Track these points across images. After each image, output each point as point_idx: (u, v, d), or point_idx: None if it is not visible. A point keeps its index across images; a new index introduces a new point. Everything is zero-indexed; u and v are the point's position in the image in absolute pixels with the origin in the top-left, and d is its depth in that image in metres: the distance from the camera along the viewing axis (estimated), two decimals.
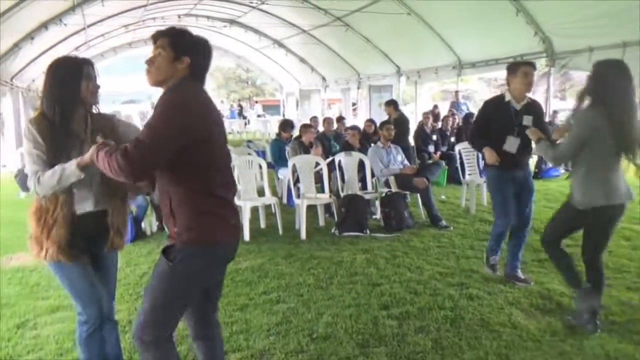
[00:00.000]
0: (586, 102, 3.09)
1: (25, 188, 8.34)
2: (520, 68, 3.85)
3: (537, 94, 8.76)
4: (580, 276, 3.33)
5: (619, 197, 3.06)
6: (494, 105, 4.03)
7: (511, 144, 3.89)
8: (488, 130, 3.97)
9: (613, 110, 2.94)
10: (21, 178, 8.41)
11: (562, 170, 9.67)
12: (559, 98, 27.56)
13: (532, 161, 8.87)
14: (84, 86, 2.22)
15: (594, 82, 3.07)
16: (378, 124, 7.50)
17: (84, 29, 11.45)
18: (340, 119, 10.64)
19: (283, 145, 7.24)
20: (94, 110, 2.34)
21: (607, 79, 3.03)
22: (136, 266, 4.70)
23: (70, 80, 2.21)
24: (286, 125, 7.81)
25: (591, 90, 3.08)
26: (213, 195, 2.00)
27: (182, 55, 1.99)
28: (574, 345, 3.04)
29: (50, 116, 2.19)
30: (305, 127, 7.34)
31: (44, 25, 9.96)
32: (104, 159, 1.88)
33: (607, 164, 3.04)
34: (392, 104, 8.92)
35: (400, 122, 8.05)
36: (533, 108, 3.97)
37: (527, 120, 3.86)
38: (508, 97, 3.90)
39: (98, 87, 2.29)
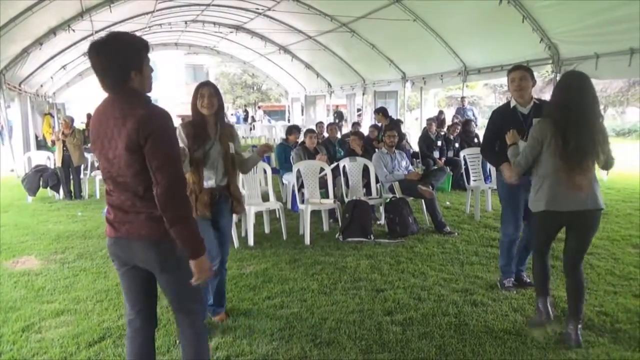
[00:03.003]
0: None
1: (32, 193, 8.40)
2: (509, 74, 3.82)
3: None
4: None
5: (566, 205, 3.07)
6: (501, 113, 3.97)
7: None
8: (500, 140, 3.86)
9: (566, 122, 2.99)
10: (28, 183, 8.47)
11: None
12: None
13: None
14: (198, 103, 3.25)
15: (553, 93, 3.20)
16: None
17: (91, 34, 11.55)
18: (340, 117, 10.75)
19: (289, 149, 7.26)
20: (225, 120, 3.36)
21: (564, 91, 3.09)
22: None
23: (193, 99, 3.29)
24: (293, 129, 7.89)
25: (549, 102, 3.20)
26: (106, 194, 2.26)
27: None
28: (580, 352, 3.02)
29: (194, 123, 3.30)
30: (308, 133, 7.35)
31: (53, 31, 10.08)
32: None
33: (556, 172, 3.06)
34: (380, 112, 9.11)
35: (390, 128, 8.14)
36: (541, 109, 3.92)
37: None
38: (513, 103, 3.88)
39: (209, 103, 3.22)
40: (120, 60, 2.04)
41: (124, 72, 2.04)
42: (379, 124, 9.47)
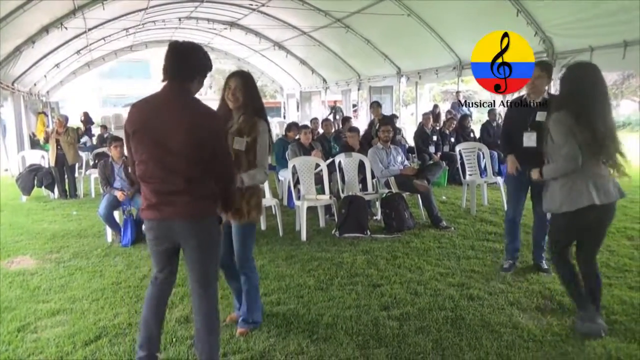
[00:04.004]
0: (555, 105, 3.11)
1: (26, 192, 8.36)
2: None
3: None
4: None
5: (599, 198, 2.96)
6: (514, 105, 4.16)
7: (528, 139, 3.98)
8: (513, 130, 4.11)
9: (582, 113, 2.91)
10: (22, 182, 8.43)
11: None
12: None
13: None
14: (225, 94, 3.03)
15: (564, 85, 3.07)
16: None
17: (84, 32, 11.49)
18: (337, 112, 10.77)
19: (287, 145, 7.25)
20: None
21: (577, 83, 3.01)
22: (137, 268, 4.70)
23: (223, 88, 3.11)
24: (292, 126, 7.96)
25: (562, 94, 3.08)
26: (143, 182, 2.50)
27: None
28: (576, 345, 3.03)
29: None
30: (302, 129, 7.35)
31: (45, 29, 9.99)
32: None
33: (585, 164, 2.96)
34: (374, 106, 9.14)
35: (385, 123, 8.17)
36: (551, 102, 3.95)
37: (540, 116, 3.83)
38: (525, 95, 3.97)
39: (234, 97, 2.99)
40: (194, 61, 2.47)
41: (191, 73, 2.45)
42: (373, 118, 9.49)
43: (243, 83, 3.00)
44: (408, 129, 14.04)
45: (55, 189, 8.63)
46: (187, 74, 2.44)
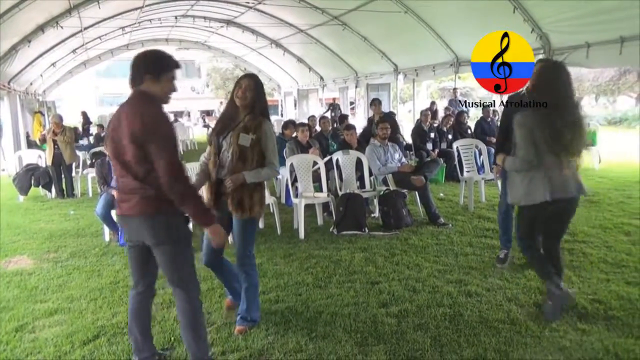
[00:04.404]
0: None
1: (23, 192, 8.33)
2: None
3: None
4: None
5: (558, 193, 3.13)
6: (512, 103, 4.15)
7: None
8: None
9: (543, 112, 3.06)
10: (19, 182, 8.40)
11: None
12: None
13: None
14: (234, 92, 3.18)
15: (530, 82, 3.24)
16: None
17: (80, 31, 11.44)
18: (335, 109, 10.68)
19: (284, 143, 7.24)
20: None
21: (544, 81, 3.15)
22: None
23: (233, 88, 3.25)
24: (289, 124, 7.92)
25: (527, 91, 3.26)
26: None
27: None
28: (574, 340, 3.04)
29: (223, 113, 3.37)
30: (300, 126, 7.34)
31: (41, 28, 9.94)
32: None
33: (546, 162, 3.12)
34: (375, 103, 9.02)
35: (383, 121, 8.16)
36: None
37: None
38: (523, 91, 3.96)
39: (242, 95, 3.14)
40: (140, 63, 2.54)
41: (140, 76, 2.52)
42: (372, 115, 9.42)
43: (254, 84, 3.17)
44: (405, 126, 14.03)
45: (53, 189, 8.61)
46: (137, 78, 2.53)
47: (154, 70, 2.52)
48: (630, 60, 8.04)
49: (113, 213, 5.65)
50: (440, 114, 13.34)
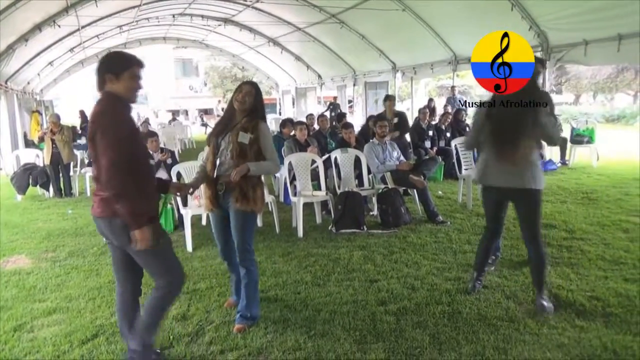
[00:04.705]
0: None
1: (21, 191, 8.32)
2: None
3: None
4: None
5: (494, 181, 3.46)
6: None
7: None
8: None
9: (491, 110, 3.41)
10: (17, 181, 8.38)
11: (558, 164, 9.70)
12: (554, 92, 27.59)
13: None
14: (234, 96, 3.29)
15: None
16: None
17: (78, 30, 11.41)
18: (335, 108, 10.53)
19: (282, 142, 7.24)
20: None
21: None
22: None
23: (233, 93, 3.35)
24: (287, 122, 7.91)
25: None
26: None
27: None
28: (572, 337, 3.04)
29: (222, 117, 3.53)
30: (298, 125, 7.33)
31: (38, 27, 9.91)
32: None
33: (487, 152, 3.49)
34: (390, 99, 8.77)
35: (404, 118, 8.18)
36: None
37: None
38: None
39: (242, 99, 3.26)
40: (100, 66, 2.59)
41: (101, 78, 2.57)
42: (384, 114, 8.63)
43: (254, 91, 3.29)
44: None
45: (50, 188, 8.59)
46: (100, 80, 2.59)
47: (113, 69, 2.57)
48: (628, 58, 8.05)
49: None
50: (439, 111, 13.33)
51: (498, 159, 3.40)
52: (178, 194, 3.60)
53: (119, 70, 2.56)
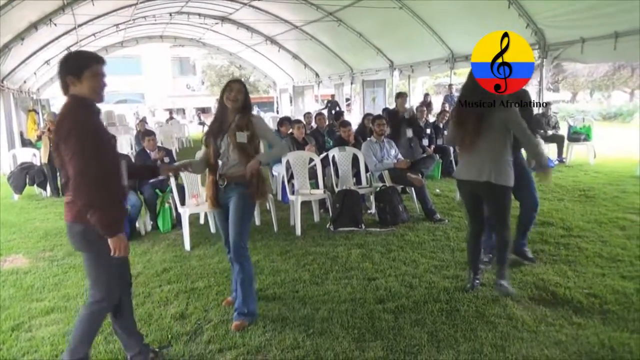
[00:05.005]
0: None
1: (17, 191, 8.29)
2: None
3: (529, 86, 8.76)
4: None
5: (463, 175, 3.67)
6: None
7: None
8: None
9: (459, 107, 3.62)
10: (14, 180, 8.36)
11: (555, 161, 9.72)
12: (551, 90, 27.63)
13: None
14: (225, 96, 3.36)
15: None
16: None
17: (74, 28, 11.36)
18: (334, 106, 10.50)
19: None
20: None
21: (466, 80, 3.65)
22: (131, 266, 4.66)
23: (221, 92, 3.43)
24: (284, 120, 7.90)
25: None
26: None
27: None
28: (569, 334, 3.05)
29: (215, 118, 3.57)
30: (295, 123, 7.33)
31: (34, 26, 9.88)
32: None
33: (460, 147, 3.77)
34: (403, 96, 8.41)
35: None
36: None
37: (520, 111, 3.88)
38: None
39: (234, 97, 3.33)
40: (61, 69, 2.51)
41: (63, 81, 2.50)
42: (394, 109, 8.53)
43: (244, 88, 3.41)
44: None
45: (48, 187, 8.56)
46: (63, 83, 2.53)
47: (73, 70, 2.49)
48: (624, 56, 8.07)
49: None
50: (436, 106, 13.33)
51: (462, 153, 3.72)
52: (171, 175, 3.77)
53: (79, 70, 2.47)
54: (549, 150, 9.98)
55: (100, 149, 2.43)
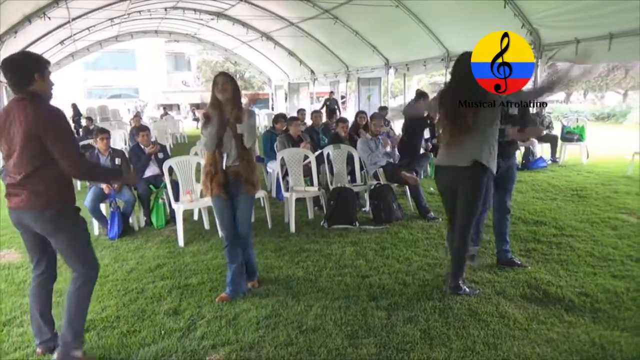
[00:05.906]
0: None
1: None
2: None
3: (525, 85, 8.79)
4: None
5: (442, 161, 3.71)
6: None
7: (500, 133, 3.94)
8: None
9: (442, 96, 3.68)
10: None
11: (549, 161, 9.77)
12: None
13: (519, 153, 8.95)
14: (215, 90, 3.51)
15: None
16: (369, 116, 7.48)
17: (68, 22, 11.29)
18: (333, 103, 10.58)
19: (275, 137, 7.22)
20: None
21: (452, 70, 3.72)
22: (124, 262, 4.67)
23: (212, 89, 3.57)
24: (279, 117, 7.89)
25: None
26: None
27: None
28: (561, 333, 3.08)
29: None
30: (291, 120, 7.33)
31: (28, 19, 9.80)
32: None
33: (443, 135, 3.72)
34: (425, 96, 8.35)
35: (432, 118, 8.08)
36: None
37: (512, 110, 3.90)
38: None
39: (223, 88, 3.49)
40: (25, 65, 2.65)
41: (28, 75, 2.62)
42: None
43: (230, 79, 3.57)
44: (397, 120, 14.05)
45: None
46: (24, 79, 2.62)
47: (40, 68, 2.66)
48: (618, 56, 8.12)
49: (102, 207, 5.62)
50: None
51: (446, 142, 3.71)
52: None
53: (44, 69, 2.68)
54: (543, 150, 10.04)
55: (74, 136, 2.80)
